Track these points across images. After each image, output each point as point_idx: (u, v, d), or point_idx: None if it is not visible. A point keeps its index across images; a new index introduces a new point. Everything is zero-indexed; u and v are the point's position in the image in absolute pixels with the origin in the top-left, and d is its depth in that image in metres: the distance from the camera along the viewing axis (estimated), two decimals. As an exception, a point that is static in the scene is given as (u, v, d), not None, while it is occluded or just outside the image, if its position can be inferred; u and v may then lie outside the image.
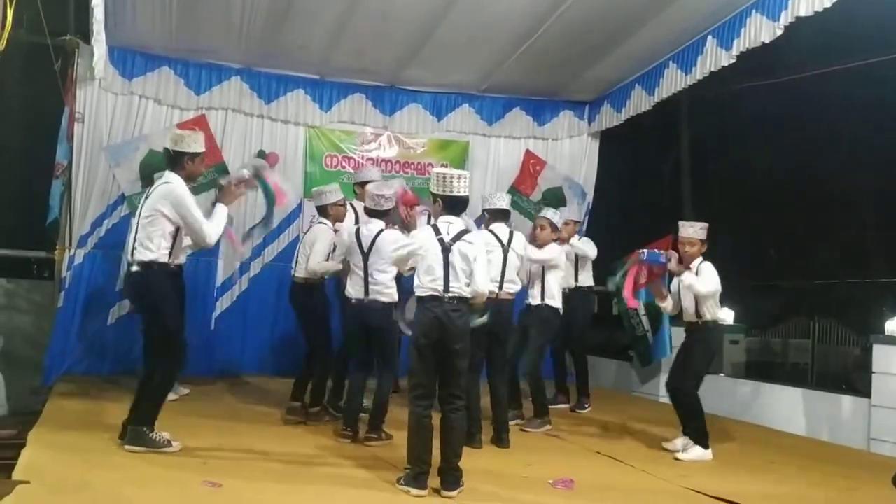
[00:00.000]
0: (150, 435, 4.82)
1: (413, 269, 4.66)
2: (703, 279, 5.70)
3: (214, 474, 4.39)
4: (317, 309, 6.25)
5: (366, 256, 5.54)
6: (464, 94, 9.10)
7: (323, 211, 6.38)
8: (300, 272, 6.25)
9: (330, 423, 5.99)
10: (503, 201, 6.02)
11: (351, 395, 5.74)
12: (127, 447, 4.78)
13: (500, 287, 5.75)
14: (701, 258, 5.87)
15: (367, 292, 5.54)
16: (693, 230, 5.89)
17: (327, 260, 6.16)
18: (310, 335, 6.34)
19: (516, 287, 5.98)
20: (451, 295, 4.47)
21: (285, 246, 8.50)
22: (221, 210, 5.05)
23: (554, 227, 6.50)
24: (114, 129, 7.98)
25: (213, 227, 4.96)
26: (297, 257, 6.36)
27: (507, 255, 5.83)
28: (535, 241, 6.39)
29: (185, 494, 4.11)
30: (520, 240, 5.99)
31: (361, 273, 5.56)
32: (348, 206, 6.56)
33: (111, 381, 7.19)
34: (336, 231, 6.23)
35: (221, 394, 7.14)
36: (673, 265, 5.89)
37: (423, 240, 4.62)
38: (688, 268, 5.86)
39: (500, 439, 5.76)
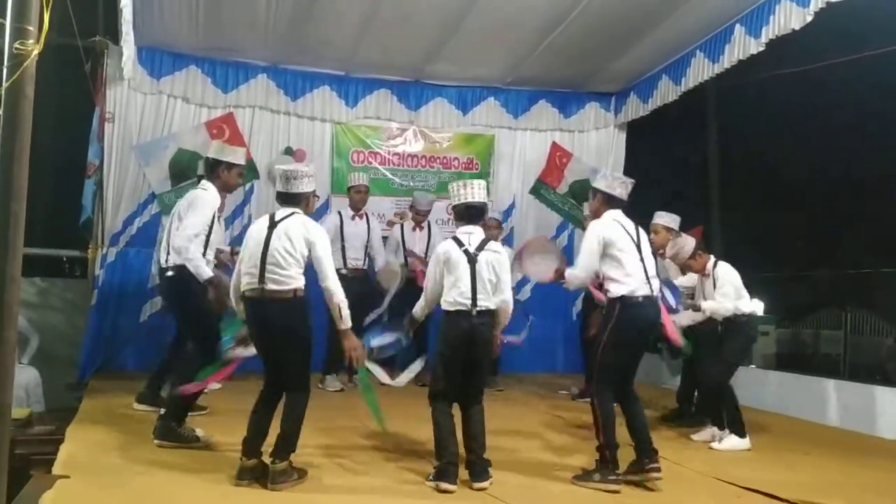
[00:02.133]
0: (179, 430, 4.89)
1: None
2: (719, 290, 5.70)
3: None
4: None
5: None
6: (489, 87, 9.07)
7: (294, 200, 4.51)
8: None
9: None
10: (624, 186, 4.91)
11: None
12: (156, 441, 4.86)
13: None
14: (711, 260, 5.84)
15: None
16: (679, 255, 5.86)
17: None
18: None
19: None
20: (479, 308, 4.47)
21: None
22: (206, 272, 4.94)
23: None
24: (143, 128, 8.07)
25: (194, 249, 4.88)
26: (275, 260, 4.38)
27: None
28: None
29: (221, 490, 4.16)
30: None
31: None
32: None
33: (144, 378, 7.23)
34: None
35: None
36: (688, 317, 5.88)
37: (446, 252, 4.57)
38: (706, 275, 5.85)
39: None
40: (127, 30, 6.42)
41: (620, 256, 4.65)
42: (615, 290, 4.64)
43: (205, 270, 4.96)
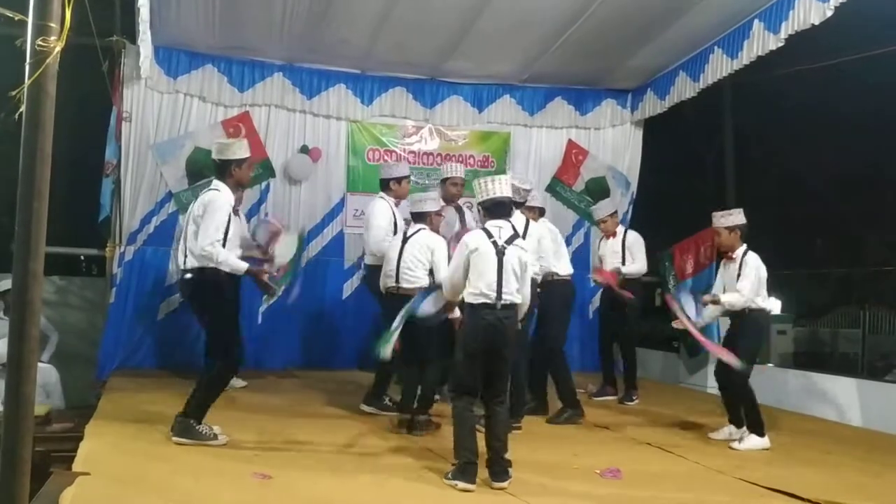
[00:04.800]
0: (198, 427, 4.89)
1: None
2: (744, 277, 5.61)
3: (265, 466, 4.45)
4: None
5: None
6: (505, 84, 9.04)
7: (422, 218, 5.96)
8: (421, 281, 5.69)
9: (434, 432, 5.50)
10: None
11: None
12: (174, 439, 4.86)
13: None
14: (744, 247, 5.76)
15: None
16: (716, 219, 5.81)
17: None
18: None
19: None
20: (503, 302, 4.46)
21: (329, 240, 8.59)
22: (242, 265, 5.00)
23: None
24: (160, 127, 8.11)
25: (214, 246, 4.84)
26: (406, 265, 5.75)
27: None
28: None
29: (239, 486, 4.17)
30: None
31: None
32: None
33: (162, 375, 7.32)
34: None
35: (269, 387, 7.21)
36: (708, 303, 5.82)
37: (474, 242, 4.56)
38: (730, 258, 5.79)
39: None
40: (144, 29, 6.44)
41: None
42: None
43: (238, 264, 4.98)
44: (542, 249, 5.91)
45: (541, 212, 6.58)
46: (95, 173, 8.24)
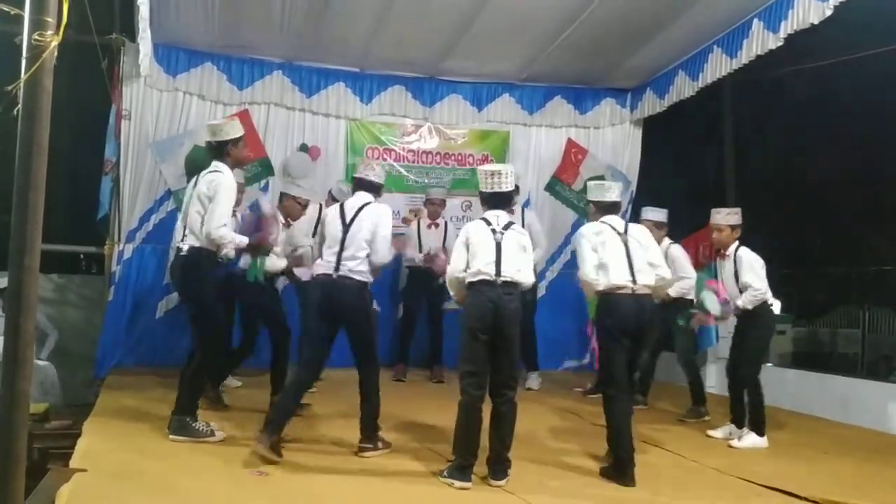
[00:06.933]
0: (194, 424, 4.88)
1: None
2: (746, 277, 5.61)
3: (262, 464, 4.44)
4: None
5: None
6: (504, 83, 9.05)
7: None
8: None
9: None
10: (613, 193, 5.08)
11: None
12: (171, 437, 4.86)
13: (634, 280, 4.76)
14: (736, 244, 5.78)
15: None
16: (720, 216, 5.84)
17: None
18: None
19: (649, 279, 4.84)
20: (503, 279, 4.44)
21: (328, 239, 8.59)
22: (243, 239, 5.08)
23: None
24: (159, 125, 8.11)
25: (225, 228, 4.88)
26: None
27: (627, 244, 4.83)
28: None
29: (237, 483, 4.17)
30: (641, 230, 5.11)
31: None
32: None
33: (161, 373, 7.27)
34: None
35: (267, 385, 7.18)
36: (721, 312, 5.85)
37: (473, 230, 4.58)
38: (724, 256, 5.80)
39: None
40: (143, 27, 6.45)
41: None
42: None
43: (240, 239, 5.07)
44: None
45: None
46: (94, 171, 8.23)
